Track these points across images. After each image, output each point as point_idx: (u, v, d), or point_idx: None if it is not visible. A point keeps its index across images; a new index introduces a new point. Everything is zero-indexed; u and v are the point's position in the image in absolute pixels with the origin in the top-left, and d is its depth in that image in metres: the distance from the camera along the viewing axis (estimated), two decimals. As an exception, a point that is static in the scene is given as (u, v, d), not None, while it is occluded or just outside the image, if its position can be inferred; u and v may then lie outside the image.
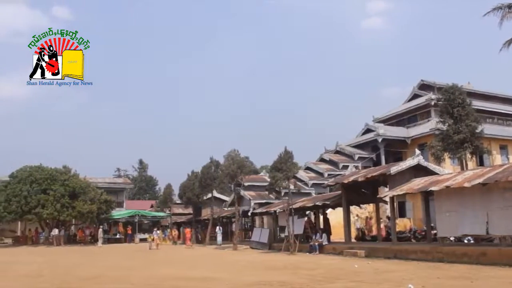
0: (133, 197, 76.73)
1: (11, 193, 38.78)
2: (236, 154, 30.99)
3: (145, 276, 14.64)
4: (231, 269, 16.38)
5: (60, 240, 39.50)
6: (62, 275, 15.10)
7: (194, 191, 38.19)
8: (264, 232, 30.15)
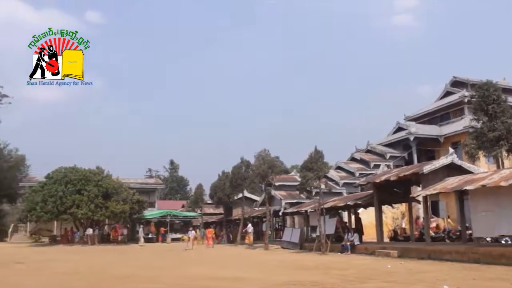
0: (165, 197, 77.54)
1: (47, 194, 39.67)
2: (267, 154, 30.97)
3: (177, 275, 14.78)
4: (262, 269, 16.38)
5: (94, 240, 40.25)
6: (97, 274, 15.39)
7: (225, 191, 38.34)
8: (295, 232, 30.05)
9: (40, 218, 40.19)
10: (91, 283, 12.79)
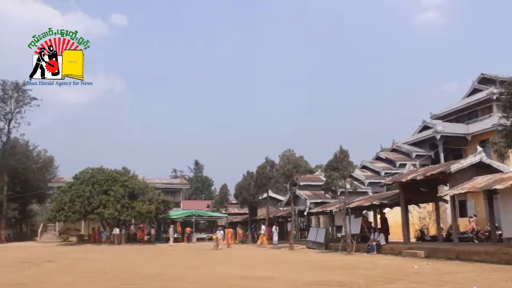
0: (189, 197, 78.12)
1: (75, 194, 40.34)
2: (291, 153, 30.91)
3: (204, 274, 14.88)
4: (288, 269, 16.37)
5: (121, 239, 40.75)
6: (124, 273, 15.59)
7: (249, 191, 38.39)
8: (320, 232, 29.94)
9: (68, 218, 40.85)
10: (119, 281, 12.96)
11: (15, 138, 55.58)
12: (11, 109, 52.46)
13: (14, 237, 55.91)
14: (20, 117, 52.71)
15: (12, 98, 52.54)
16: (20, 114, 52.69)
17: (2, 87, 51.95)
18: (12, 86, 52.31)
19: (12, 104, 52.53)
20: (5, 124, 52.49)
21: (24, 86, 52.61)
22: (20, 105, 52.76)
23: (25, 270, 16.38)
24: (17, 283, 12.27)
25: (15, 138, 55.58)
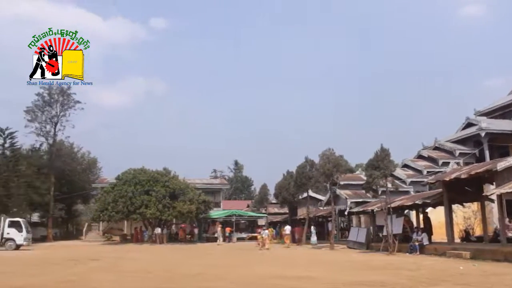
0: (229, 197, 78.61)
1: (118, 194, 41.24)
2: (331, 152, 30.68)
3: (245, 274, 14.94)
4: (329, 269, 16.26)
5: (162, 239, 41.38)
6: (166, 272, 15.83)
7: (289, 191, 38.29)
8: (361, 232, 29.60)
9: (112, 217, 41.80)
10: (161, 281, 13.17)
11: (61, 140, 57.46)
12: (56, 113, 54.29)
13: (61, 236, 57.72)
14: (65, 120, 54.53)
15: (58, 102, 54.37)
16: (65, 118, 54.50)
17: (48, 92, 53.76)
18: (58, 90, 54.09)
19: (57, 108, 54.37)
20: (51, 127, 54.37)
21: (68, 90, 54.39)
22: (65, 108, 54.55)
23: (72, 268, 16.88)
24: (65, 280, 12.66)
25: (61, 140, 57.46)
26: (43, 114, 53.91)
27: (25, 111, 53.00)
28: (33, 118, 53.29)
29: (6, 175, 42.88)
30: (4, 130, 45.53)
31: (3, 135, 45.55)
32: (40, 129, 53.77)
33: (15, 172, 44.23)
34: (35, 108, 53.44)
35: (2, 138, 45.59)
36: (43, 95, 53.61)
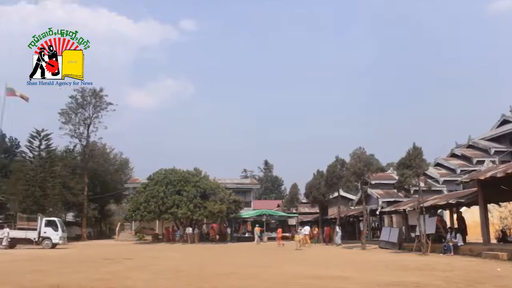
0: (260, 197, 78.68)
1: (150, 194, 41.80)
2: (362, 152, 30.43)
3: (276, 273, 14.92)
4: (361, 269, 16.11)
5: (194, 238, 41.75)
6: (198, 271, 15.94)
7: (320, 190, 38.13)
8: (393, 232, 29.23)
9: (144, 217, 42.41)
10: (194, 279, 13.28)
11: (94, 141, 58.69)
12: (89, 115, 55.50)
13: (94, 235, 58.96)
14: (97, 121, 55.67)
15: (90, 104, 55.59)
16: (97, 119, 55.63)
17: (82, 94, 54.96)
18: (90, 92, 55.26)
19: (90, 109, 55.61)
20: (84, 129, 55.62)
21: (100, 93, 55.49)
22: (98, 110, 55.74)
23: (107, 267, 17.18)
24: (101, 278, 12.90)
25: (94, 141, 58.69)
26: (76, 116, 55.21)
27: (60, 114, 54.38)
28: (67, 120, 54.61)
29: (42, 176, 44.00)
30: (40, 132, 46.65)
31: (39, 137, 46.68)
32: (74, 131, 55.11)
33: (50, 173, 45.36)
34: (69, 110, 54.76)
35: (38, 140, 46.73)
36: (76, 97, 54.91)
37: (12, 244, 31.54)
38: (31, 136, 46.68)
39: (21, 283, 11.75)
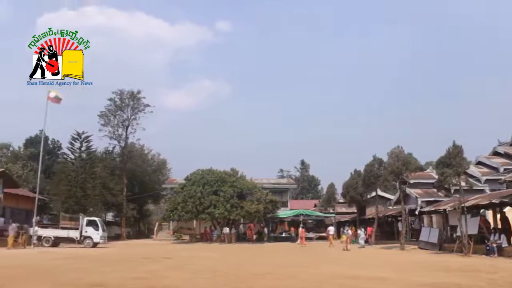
0: (296, 196, 78.42)
1: (187, 195, 42.20)
2: (400, 150, 29.90)
3: (314, 273, 14.83)
4: (400, 269, 15.83)
5: (231, 238, 41.93)
6: (235, 270, 15.98)
7: (357, 190, 37.76)
8: (433, 232, 28.63)
9: (181, 217, 42.86)
10: (231, 279, 13.32)
11: (132, 143, 59.73)
12: (128, 116, 56.56)
13: (133, 234, 60.02)
14: (135, 123, 56.64)
15: (128, 106, 56.63)
16: (135, 121, 56.61)
17: (120, 97, 56.06)
18: (128, 95, 56.32)
19: (128, 111, 56.64)
20: (123, 131, 56.68)
21: (138, 95, 56.47)
22: (135, 112, 56.69)
23: (146, 266, 17.42)
24: (140, 277, 13.09)
25: (132, 143, 59.73)
26: (115, 118, 56.32)
27: (99, 116, 55.58)
28: (106, 122, 55.76)
29: (83, 177, 45.07)
30: (81, 134, 47.77)
31: (80, 139, 47.79)
32: (112, 133, 56.24)
33: (91, 174, 46.42)
34: (108, 112, 55.91)
35: (79, 142, 47.84)
36: (114, 100, 56.03)
37: (55, 243, 32.44)
38: (72, 138, 47.84)
39: (64, 281, 12.04)
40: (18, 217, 37.00)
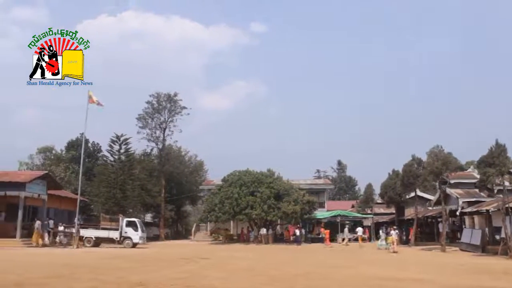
0: (333, 197, 77.80)
1: (224, 196, 42.42)
2: (440, 150, 29.28)
3: (352, 274, 14.71)
4: (441, 271, 15.51)
5: (268, 239, 41.92)
6: (273, 270, 16.00)
7: (395, 190, 37.19)
8: (475, 233, 27.89)
9: (219, 218, 43.07)
10: (269, 279, 13.34)
11: (169, 145, 60.53)
12: (165, 119, 57.40)
13: (171, 235, 60.72)
14: (172, 125, 57.42)
15: (166, 108, 57.48)
16: (172, 123, 57.40)
17: (157, 99, 57.00)
18: (165, 97, 57.18)
19: (165, 114, 57.48)
20: (160, 133, 57.57)
21: (175, 97, 57.27)
22: (172, 114, 57.46)
23: (184, 266, 17.63)
24: (179, 276, 13.25)
25: (169, 145, 60.53)
26: (153, 120, 57.24)
27: (137, 119, 56.62)
28: (144, 125, 56.75)
29: (122, 179, 45.92)
30: (120, 137, 48.68)
31: (119, 141, 48.69)
32: (150, 135, 57.17)
33: (130, 175, 47.26)
34: (146, 115, 56.88)
35: (118, 144, 48.75)
36: (152, 103, 56.96)
37: (96, 243, 33.19)
38: (111, 141, 48.79)
39: (108, 279, 12.32)
40: (60, 218, 38.01)
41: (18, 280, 12.00)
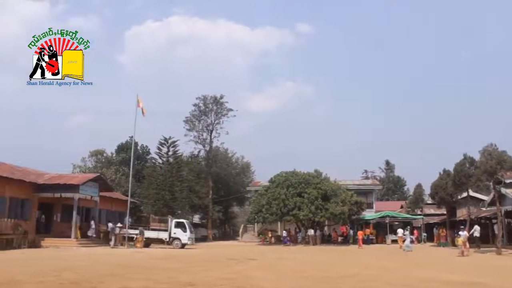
0: (381, 198, 76.49)
1: (271, 197, 42.46)
2: (494, 148, 28.24)
3: (402, 276, 14.40)
4: (498, 275, 14.95)
5: (315, 240, 41.67)
6: (321, 272, 15.87)
7: (447, 191, 36.14)
8: (533, 235, 26.75)
9: (266, 219, 43.16)
10: (318, 280, 13.24)
11: (216, 147, 61.34)
12: (211, 121, 58.24)
13: (219, 236, 61.38)
14: (219, 127, 58.13)
15: (212, 111, 58.32)
16: (219, 125, 58.11)
17: (204, 102, 57.84)
18: (212, 100, 57.95)
19: (212, 116, 58.34)
20: (207, 135, 58.49)
21: (221, 99, 57.94)
22: (219, 116, 58.25)
23: (232, 266, 17.73)
24: (227, 277, 13.33)
25: (216, 147, 61.34)
26: (199, 123, 58.21)
27: (184, 121, 57.65)
28: (191, 127, 57.75)
29: (171, 180, 46.77)
30: (168, 140, 49.63)
31: (167, 144, 49.65)
32: (197, 137, 58.17)
33: (178, 177, 48.09)
34: (193, 118, 57.87)
35: (166, 147, 49.73)
36: (199, 105, 57.84)
37: (146, 243, 33.90)
38: (160, 143, 49.81)
39: (159, 279, 12.54)
40: (112, 219, 39.08)
41: (74, 278, 12.41)
